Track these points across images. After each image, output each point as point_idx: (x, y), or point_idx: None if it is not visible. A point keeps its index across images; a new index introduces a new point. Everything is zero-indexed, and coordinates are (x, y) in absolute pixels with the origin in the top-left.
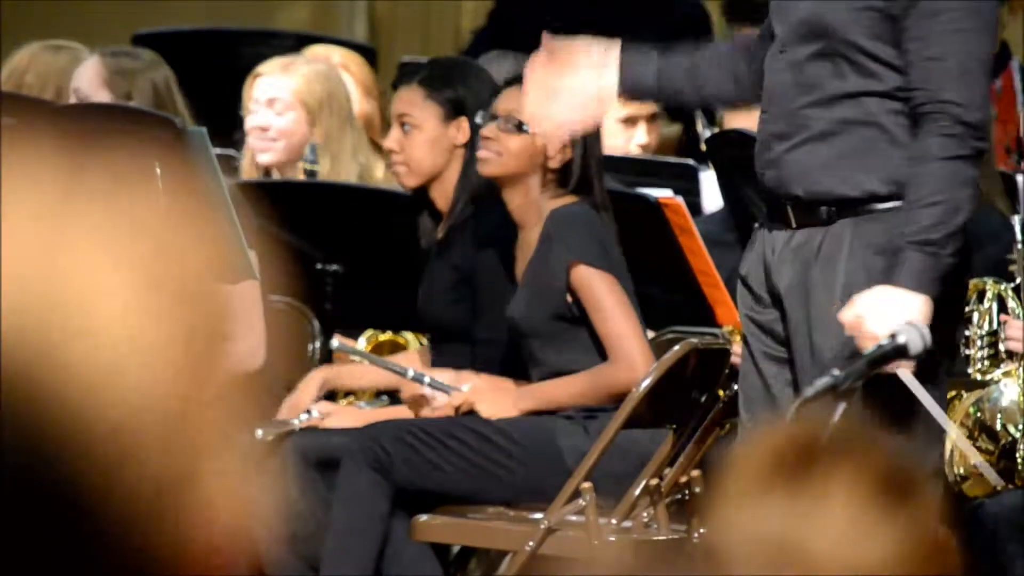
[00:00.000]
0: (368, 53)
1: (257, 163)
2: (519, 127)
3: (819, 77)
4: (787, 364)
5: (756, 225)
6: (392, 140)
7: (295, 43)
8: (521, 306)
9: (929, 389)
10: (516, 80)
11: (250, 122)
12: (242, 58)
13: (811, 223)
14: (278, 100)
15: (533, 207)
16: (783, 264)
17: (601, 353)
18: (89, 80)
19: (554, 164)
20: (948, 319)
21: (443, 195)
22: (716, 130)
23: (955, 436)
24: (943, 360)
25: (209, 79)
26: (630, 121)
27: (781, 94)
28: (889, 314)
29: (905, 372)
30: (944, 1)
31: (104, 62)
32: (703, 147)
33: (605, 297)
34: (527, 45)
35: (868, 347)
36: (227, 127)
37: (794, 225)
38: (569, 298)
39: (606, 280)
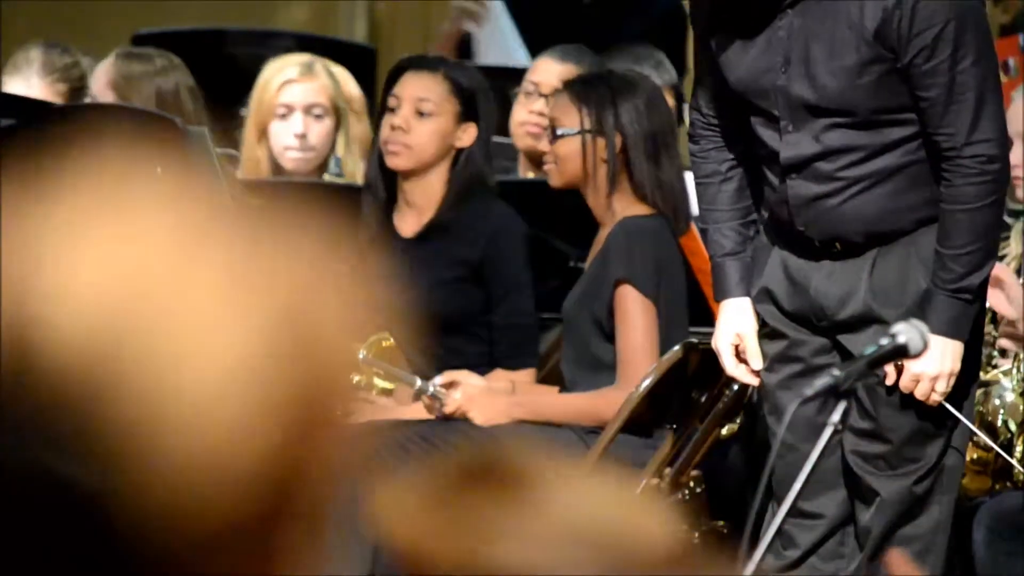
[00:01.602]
0: (368, 53)
1: (283, 167)
2: (554, 133)
3: (849, 141)
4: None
5: (764, 244)
6: (403, 118)
7: (295, 43)
8: (573, 299)
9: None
10: (561, 88)
11: (286, 128)
12: (242, 58)
13: (862, 251)
14: (317, 105)
15: (604, 207)
16: (831, 283)
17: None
18: (98, 81)
19: (607, 156)
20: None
21: (424, 191)
22: None
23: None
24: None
25: (209, 79)
26: None
27: (807, 163)
28: (942, 366)
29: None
30: (941, 42)
31: (115, 64)
32: None
33: (637, 322)
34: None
35: (935, 401)
36: (227, 127)
37: (839, 250)
38: (608, 312)
39: (644, 306)
